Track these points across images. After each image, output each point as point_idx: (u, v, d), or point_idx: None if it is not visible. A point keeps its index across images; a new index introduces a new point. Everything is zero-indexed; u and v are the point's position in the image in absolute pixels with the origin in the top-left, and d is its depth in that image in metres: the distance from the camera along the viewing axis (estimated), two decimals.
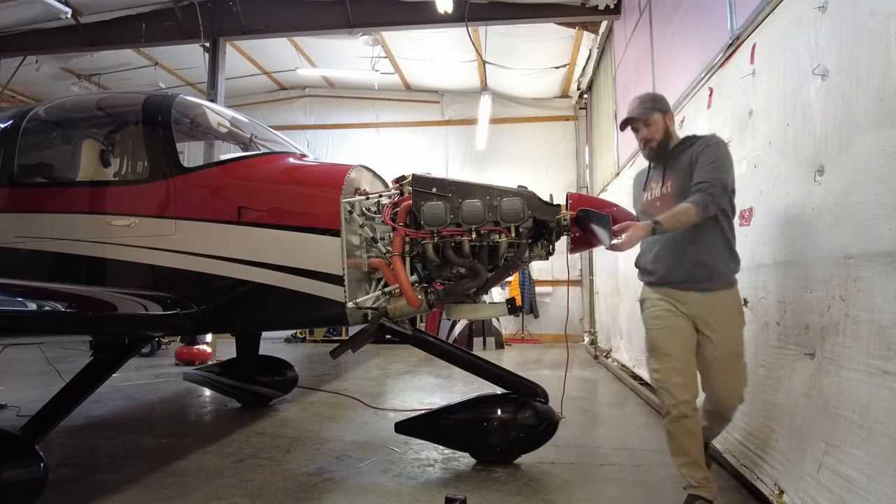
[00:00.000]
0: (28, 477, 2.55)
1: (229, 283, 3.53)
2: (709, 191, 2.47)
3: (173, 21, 8.23)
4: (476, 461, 3.49)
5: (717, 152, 2.58)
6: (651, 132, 2.77)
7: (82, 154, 4.05)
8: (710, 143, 2.64)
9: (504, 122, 11.27)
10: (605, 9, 7.57)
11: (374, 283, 3.55)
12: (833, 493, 2.07)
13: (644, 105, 2.79)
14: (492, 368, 3.69)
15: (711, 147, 2.60)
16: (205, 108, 4.56)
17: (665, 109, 2.79)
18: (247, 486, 3.10)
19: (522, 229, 3.23)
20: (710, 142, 2.65)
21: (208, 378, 5.24)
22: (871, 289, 1.94)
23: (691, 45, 4.43)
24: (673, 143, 2.79)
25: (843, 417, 2.06)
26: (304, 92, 12.11)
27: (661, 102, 2.81)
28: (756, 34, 3.05)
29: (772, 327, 2.73)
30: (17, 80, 9.42)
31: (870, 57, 1.99)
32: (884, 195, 1.88)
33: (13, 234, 3.83)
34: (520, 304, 10.31)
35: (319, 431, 4.29)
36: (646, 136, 2.78)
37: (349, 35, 8.58)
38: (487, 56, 9.17)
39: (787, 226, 2.60)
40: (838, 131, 2.17)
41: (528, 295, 10.73)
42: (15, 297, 2.59)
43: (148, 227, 3.64)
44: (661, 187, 2.77)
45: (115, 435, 4.21)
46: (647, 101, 2.82)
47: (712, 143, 2.64)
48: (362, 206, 3.50)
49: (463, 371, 3.88)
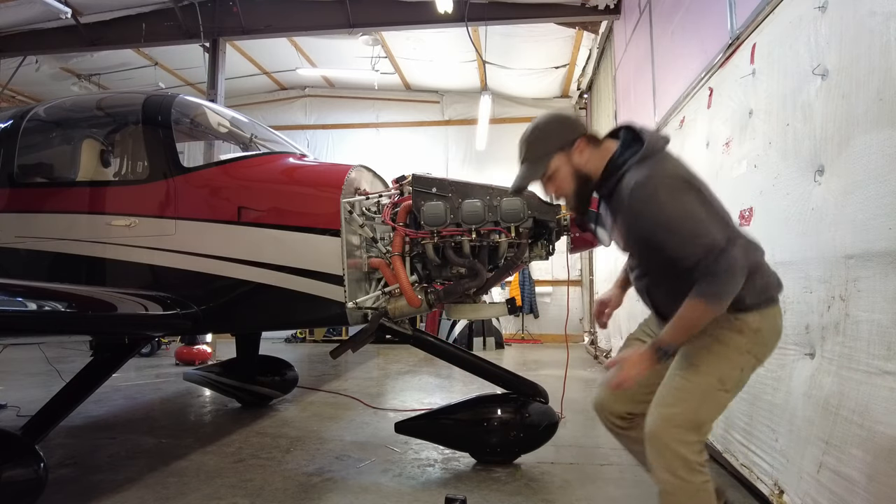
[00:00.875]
0: (28, 477, 2.54)
1: (229, 283, 3.53)
2: (710, 273, 1.71)
3: (173, 21, 8.22)
4: (476, 461, 3.49)
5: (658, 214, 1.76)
6: (557, 185, 2.03)
7: (82, 154, 4.05)
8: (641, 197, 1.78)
9: (504, 122, 11.26)
10: (605, 9, 7.57)
11: (374, 283, 3.56)
12: (833, 493, 2.07)
13: (533, 153, 2.00)
14: (492, 368, 3.69)
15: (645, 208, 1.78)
16: (205, 108, 4.56)
17: (564, 144, 1.97)
18: (247, 486, 3.10)
19: (522, 229, 3.23)
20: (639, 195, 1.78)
21: (208, 378, 5.24)
22: (871, 289, 1.94)
23: (691, 45, 4.43)
24: (595, 178, 1.99)
25: (843, 417, 2.06)
26: (304, 92, 12.11)
27: (556, 135, 1.99)
28: (756, 34, 3.05)
29: None
30: (17, 80, 9.41)
31: (870, 57, 1.99)
32: (884, 195, 1.88)
33: (13, 234, 3.83)
34: (520, 304, 10.32)
35: (319, 431, 4.29)
36: (553, 193, 2.07)
37: (349, 35, 8.58)
38: (487, 56, 9.17)
39: (787, 226, 2.60)
40: (838, 131, 2.17)
41: (528, 295, 10.74)
42: (15, 297, 2.59)
43: (148, 228, 3.64)
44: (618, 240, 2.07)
45: (115, 435, 4.21)
46: (535, 142, 2.00)
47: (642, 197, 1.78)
48: (362, 206, 3.50)
49: (463, 371, 3.88)
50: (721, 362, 1.86)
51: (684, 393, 1.85)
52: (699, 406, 1.84)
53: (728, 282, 1.72)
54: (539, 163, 1.99)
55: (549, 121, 2.05)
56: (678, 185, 1.80)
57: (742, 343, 1.85)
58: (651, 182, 1.78)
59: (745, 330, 1.85)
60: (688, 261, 1.75)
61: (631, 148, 1.92)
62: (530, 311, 10.83)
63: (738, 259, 1.73)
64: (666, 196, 1.77)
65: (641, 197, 1.79)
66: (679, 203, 1.77)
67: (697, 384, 1.85)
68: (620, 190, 1.86)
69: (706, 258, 1.71)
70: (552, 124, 2.03)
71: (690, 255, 1.74)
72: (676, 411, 1.83)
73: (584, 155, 1.98)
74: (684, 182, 1.81)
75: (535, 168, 2.00)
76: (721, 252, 1.72)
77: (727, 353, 1.85)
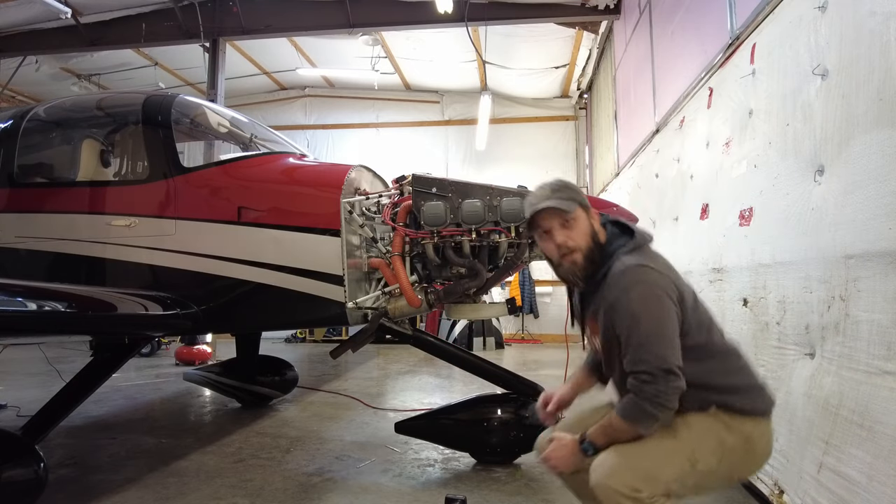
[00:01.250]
0: (28, 477, 2.54)
1: (229, 284, 3.53)
2: (642, 393, 1.66)
3: (173, 21, 8.23)
4: (476, 461, 3.49)
5: (633, 305, 1.70)
6: (572, 237, 1.86)
7: (82, 154, 4.05)
8: (624, 285, 1.73)
9: (504, 122, 11.27)
10: (605, 9, 7.57)
11: (374, 283, 3.56)
12: (833, 493, 2.07)
13: (562, 194, 1.86)
14: (492, 368, 3.69)
15: (623, 297, 1.72)
16: (205, 108, 4.56)
17: (587, 204, 1.91)
18: (247, 486, 3.10)
19: (522, 229, 3.23)
20: (623, 282, 1.74)
21: (208, 378, 5.24)
22: (871, 289, 1.94)
23: (691, 44, 4.43)
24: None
25: (843, 417, 2.06)
26: (304, 92, 12.12)
27: (580, 194, 1.92)
28: (756, 34, 3.05)
29: (772, 327, 2.73)
30: (17, 80, 9.42)
31: (870, 57, 1.99)
32: (884, 195, 1.88)
33: (13, 234, 3.83)
34: (520, 304, 10.31)
35: (319, 431, 4.29)
36: (563, 243, 1.86)
37: (349, 35, 8.59)
38: (487, 56, 9.18)
39: (787, 226, 2.60)
40: (838, 131, 2.17)
41: (528, 295, 10.73)
42: (15, 297, 2.59)
43: (148, 228, 3.64)
44: (591, 335, 1.97)
45: (115, 435, 4.21)
46: (563, 188, 1.89)
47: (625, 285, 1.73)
48: (362, 206, 3.50)
49: (463, 371, 3.88)
50: (702, 440, 1.75)
51: (650, 446, 1.72)
52: (662, 462, 1.70)
53: (649, 409, 1.66)
54: (567, 203, 1.85)
55: (571, 182, 1.98)
56: (659, 291, 1.74)
57: (726, 439, 1.75)
58: (636, 275, 1.75)
59: (734, 429, 1.76)
60: (629, 364, 1.70)
61: (619, 239, 1.89)
62: (530, 311, 10.83)
63: (666, 393, 1.65)
64: (644, 292, 1.73)
65: (624, 286, 1.74)
66: (652, 307, 1.71)
67: (667, 444, 1.73)
68: (608, 275, 1.81)
69: (641, 375, 1.67)
70: (575, 186, 1.97)
71: (632, 362, 1.69)
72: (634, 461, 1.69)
73: (597, 223, 1.92)
74: (665, 292, 1.74)
75: (563, 203, 1.85)
76: (660, 375, 1.65)
77: (708, 438, 1.75)
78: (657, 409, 1.66)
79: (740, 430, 1.76)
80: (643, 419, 1.68)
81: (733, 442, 1.75)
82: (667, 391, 1.65)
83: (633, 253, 1.82)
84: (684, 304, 1.77)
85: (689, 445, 1.73)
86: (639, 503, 1.64)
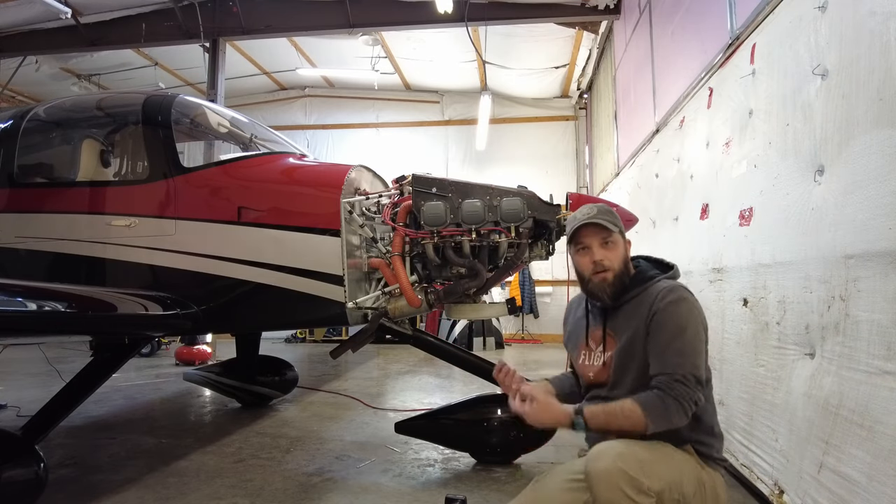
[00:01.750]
0: (28, 477, 2.55)
1: (229, 284, 3.53)
2: (673, 391, 1.74)
3: (173, 21, 8.23)
4: (476, 461, 3.49)
5: (681, 317, 1.83)
6: (609, 257, 1.97)
7: (82, 154, 4.05)
8: (673, 298, 1.86)
9: (504, 122, 11.27)
10: (605, 9, 7.58)
11: (374, 283, 3.56)
12: (833, 493, 2.07)
13: (605, 216, 1.99)
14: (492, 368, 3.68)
15: (673, 307, 1.84)
16: (205, 108, 4.56)
17: (625, 234, 2.06)
18: (247, 486, 3.10)
19: (522, 229, 3.23)
20: (673, 296, 1.86)
21: (208, 378, 5.24)
22: (871, 289, 1.94)
23: (691, 45, 4.43)
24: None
25: (843, 417, 2.06)
26: (304, 92, 12.12)
27: (621, 222, 2.06)
28: (756, 34, 3.05)
29: (772, 327, 2.73)
30: (17, 80, 9.42)
31: (870, 57, 1.99)
32: (884, 195, 1.88)
33: (13, 234, 3.83)
34: (520, 304, 10.32)
35: (319, 431, 4.29)
36: (600, 260, 1.97)
37: (349, 35, 8.59)
38: (487, 56, 9.18)
39: (787, 226, 2.60)
40: (838, 131, 2.17)
41: (528, 295, 10.74)
42: (15, 297, 2.59)
43: (148, 228, 3.64)
44: (601, 351, 2.01)
45: (115, 435, 4.21)
46: (608, 212, 2.02)
47: (674, 299, 1.86)
48: (362, 206, 3.50)
49: (463, 371, 3.87)
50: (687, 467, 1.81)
51: (649, 446, 1.76)
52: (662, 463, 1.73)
53: (675, 412, 1.74)
54: (610, 224, 1.98)
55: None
56: (700, 315, 1.90)
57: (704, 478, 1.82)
58: (684, 294, 1.90)
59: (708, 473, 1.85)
60: (663, 367, 1.78)
61: (656, 269, 2.05)
62: (530, 311, 10.83)
63: (695, 400, 1.76)
64: (692, 312, 1.87)
65: (682, 298, 1.88)
66: (696, 324, 1.86)
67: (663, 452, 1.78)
68: (646, 294, 1.93)
69: (676, 374, 1.76)
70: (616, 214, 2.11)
71: (668, 365, 1.78)
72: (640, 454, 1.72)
73: (629, 254, 2.06)
74: (702, 318, 1.91)
75: (607, 223, 1.97)
76: (693, 382, 1.76)
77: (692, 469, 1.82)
78: (678, 410, 1.74)
79: (712, 475, 1.86)
80: (662, 414, 1.74)
81: (708, 485, 1.83)
82: (693, 397, 1.76)
83: (671, 280, 2.00)
84: (707, 338, 1.92)
85: (679, 464, 1.80)
86: (639, 493, 1.64)
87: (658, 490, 1.68)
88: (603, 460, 1.69)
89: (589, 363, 2.06)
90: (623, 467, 1.65)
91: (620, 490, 1.63)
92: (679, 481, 1.75)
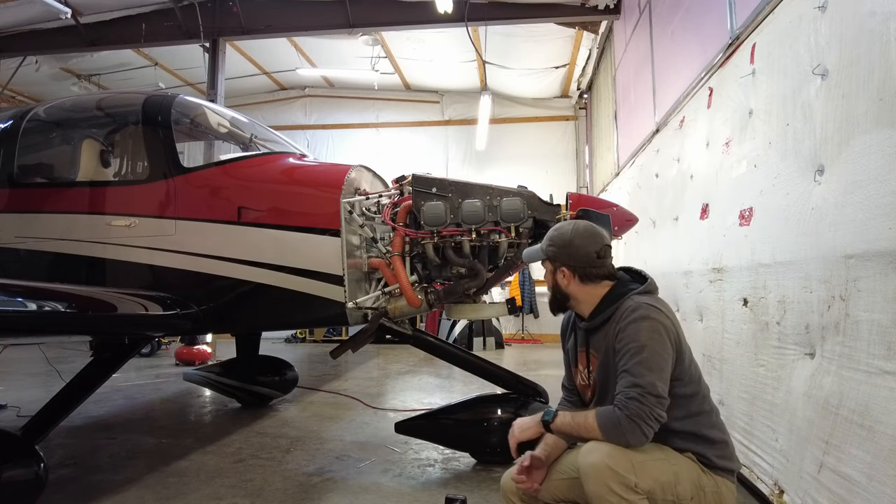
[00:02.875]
0: (28, 477, 2.55)
1: (229, 284, 3.54)
2: (628, 409, 1.74)
3: (173, 21, 8.23)
4: (476, 461, 3.49)
5: (641, 336, 1.83)
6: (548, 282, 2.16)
7: (82, 154, 4.06)
8: (634, 318, 1.87)
9: (504, 122, 11.27)
10: (604, 9, 7.58)
11: (374, 283, 3.56)
12: (833, 493, 2.07)
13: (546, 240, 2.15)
14: (492, 368, 3.69)
15: (633, 326, 1.86)
16: (205, 108, 4.56)
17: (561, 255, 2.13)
18: (247, 486, 3.10)
19: (522, 229, 3.24)
20: (634, 315, 1.88)
21: (208, 378, 5.24)
22: (871, 289, 1.94)
23: (691, 45, 4.43)
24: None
25: (843, 417, 2.06)
26: (304, 92, 12.12)
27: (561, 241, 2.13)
28: (756, 34, 3.05)
29: (772, 327, 2.73)
30: (17, 80, 9.42)
31: (870, 57, 1.99)
32: (884, 195, 1.88)
33: (13, 234, 3.83)
34: (520, 304, 10.31)
35: (319, 431, 4.29)
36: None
37: (349, 35, 8.59)
38: (487, 56, 9.18)
39: (787, 226, 2.60)
40: (838, 131, 2.17)
41: (528, 295, 10.73)
42: (15, 297, 2.59)
43: (148, 228, 3.64)
44: (588, 371, 2.09)
45: (115, 435, 4.21)
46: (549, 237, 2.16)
47: (635, 318, 1.87)
48: (362, 206, 3.50)
49: (463, 371, 3.88)
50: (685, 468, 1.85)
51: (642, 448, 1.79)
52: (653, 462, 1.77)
53: (627, 427, 1.73)
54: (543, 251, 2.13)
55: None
56: (664, 331, 1.88)
57: (705, 482, 1.85)
58: (646, 312, 1.89)
59: (710, 478, 1.87)
60: (622, 385, 1.80)
61: (631, 284, 2.07)
62: (530, 311, 10.83)
63: (654, 416, 1.74)
64: (654, 330, 1.86)
65: (643, 316, 1.88)
66: (657, 342, 1.84)
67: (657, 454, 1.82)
68: (616, 312, 1.96)
69: (631, 392, 1.75)
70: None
71: (626, 383, 1.79)
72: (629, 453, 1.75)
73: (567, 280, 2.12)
74: (668, 334, 1.88)
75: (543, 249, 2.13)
76: (651, 400, 1.74)
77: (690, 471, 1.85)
78: (632, 428, 1.73)
79: (716, 481, 1.88)
80: (614, 431, 1.75)
81: (709, 490, 1.85)
82: (650, 414, 1.74)
83: (645, 295, 1.99)
84: (681, 352, 1.92)
85: (675, 465, 1.83)
86: (627, 490, 1.69)
87: (648, 489, 1.72)
88: (593, 455, 1.75)
89: (583, 383, 2.13)
90: (611, 464, 1.70)
91: (607, 485, 1.68)
92: (673, 483, 1.78)
